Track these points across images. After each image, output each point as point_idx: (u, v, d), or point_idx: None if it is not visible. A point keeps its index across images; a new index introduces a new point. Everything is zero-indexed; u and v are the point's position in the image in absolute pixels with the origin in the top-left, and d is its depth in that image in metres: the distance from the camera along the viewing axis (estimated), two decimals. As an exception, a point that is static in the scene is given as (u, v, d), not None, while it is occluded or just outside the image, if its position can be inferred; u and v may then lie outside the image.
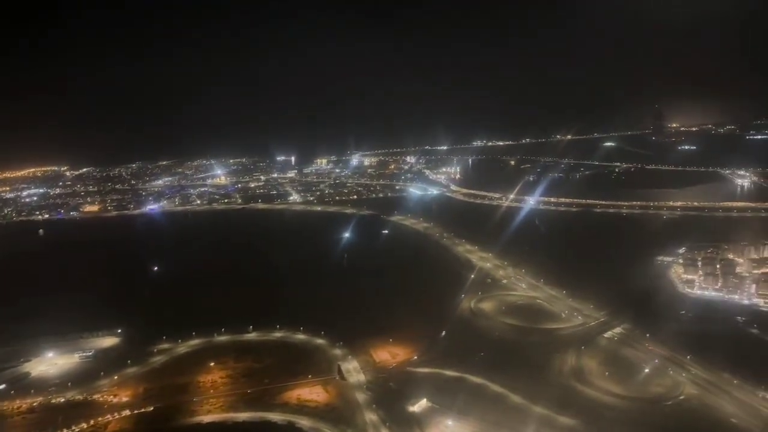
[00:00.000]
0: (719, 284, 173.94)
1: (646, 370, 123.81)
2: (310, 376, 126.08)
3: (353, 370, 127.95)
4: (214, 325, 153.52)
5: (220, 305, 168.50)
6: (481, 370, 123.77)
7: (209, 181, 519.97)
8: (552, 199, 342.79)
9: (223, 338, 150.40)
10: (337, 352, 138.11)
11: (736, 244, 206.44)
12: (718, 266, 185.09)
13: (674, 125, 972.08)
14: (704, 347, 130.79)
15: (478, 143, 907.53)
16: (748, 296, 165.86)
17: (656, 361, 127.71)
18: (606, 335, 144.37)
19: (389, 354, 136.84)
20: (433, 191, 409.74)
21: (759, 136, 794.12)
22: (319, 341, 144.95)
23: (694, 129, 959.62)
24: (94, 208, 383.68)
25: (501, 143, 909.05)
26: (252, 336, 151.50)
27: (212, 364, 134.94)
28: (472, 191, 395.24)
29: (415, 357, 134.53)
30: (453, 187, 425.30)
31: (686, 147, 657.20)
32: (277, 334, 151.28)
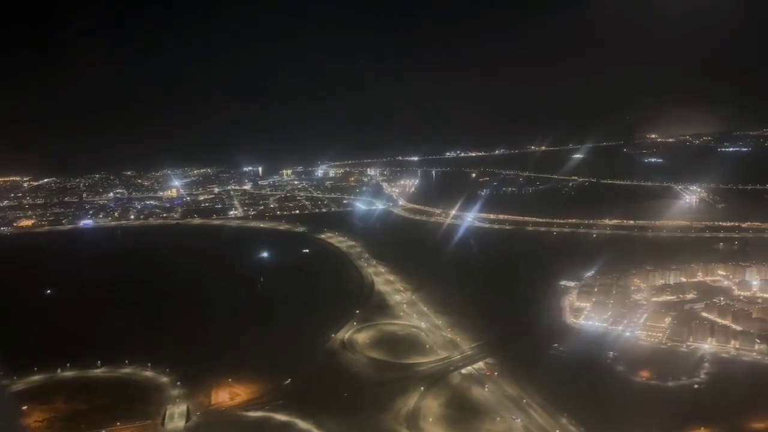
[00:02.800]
0: (608, 313, 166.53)
1: (482, 413, 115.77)
2: (134, 421, 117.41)
3: (178, 414, 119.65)
4: (67, 357, 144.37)
5: (89, 334, 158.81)
6: (314, 414, 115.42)
7: (161, 194, 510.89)
8: (491, 216, 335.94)
9: (67, 374, 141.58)
10: (174, 392, 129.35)
11: (643, 268, 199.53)
12: (613, 293, 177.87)
13: (653, 136, 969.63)
14: (557, 387, 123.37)
15: (450, 154, 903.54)
16: (633, 328, 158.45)
17: (498, 401, 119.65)
18: (465, 371, 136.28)
19: (230, 394, 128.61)
20: (380, 206, 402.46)
21: (731, 149, 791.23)
22: (164, 379, 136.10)
23: (670, 140, 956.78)
24: (29, 222, 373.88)
25: (473, 154, 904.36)
26: (99, 371, 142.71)
27: (39, 404, 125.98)
28: (418, 206, 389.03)
29: (256, 398, 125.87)
30: (401, 202, 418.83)
31: (652, 160, 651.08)
32: (125, 370, 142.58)
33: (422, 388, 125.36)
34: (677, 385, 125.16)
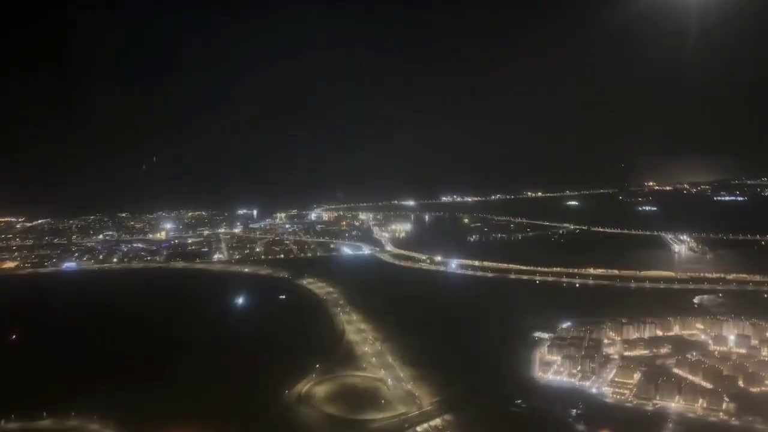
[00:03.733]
0: (578, 368, 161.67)
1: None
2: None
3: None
4: (11, 408, 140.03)
5: (38, 384, 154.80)
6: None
7: (150, 236, 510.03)
8: (476, 263, 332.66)
9: (11, 425, 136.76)
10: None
11: (617, 320, 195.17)
12: (583, 347, 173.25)
13: (651, 183, 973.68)
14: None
15: (446, 199, 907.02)
16: (601, 384, 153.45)
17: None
18: (420, 428, 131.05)
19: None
20: (366, 251, 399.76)
21: (726, 198, 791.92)
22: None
23: (668, 188, 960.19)
24: (12, 264, 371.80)
25: (470, 199, 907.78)
26: (45, 423, 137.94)
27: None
28: (405, 252, 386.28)
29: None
30: (389, 247, 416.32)
31: (646, 208, 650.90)
32: (71, 423, 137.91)
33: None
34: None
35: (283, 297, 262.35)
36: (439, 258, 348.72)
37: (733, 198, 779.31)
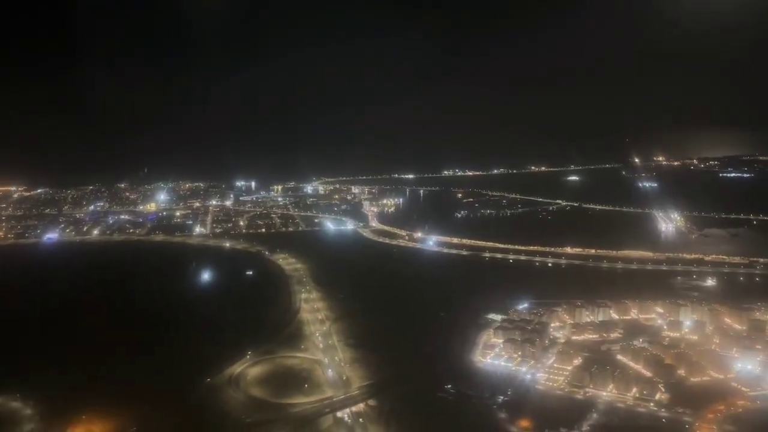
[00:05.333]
0: (518, 353, 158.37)
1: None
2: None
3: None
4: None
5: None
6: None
7: (140, 208, 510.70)
8: (454, 240, 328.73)
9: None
10: (28, 428, 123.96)
11: (572, 303, 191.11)
12: (529, 330, 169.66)
13: (660, 159, 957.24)
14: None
15: (447, 173, 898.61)
16: (538, 369, 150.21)
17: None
18: (340, 414, 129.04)
19: (86, 431, 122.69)
20: (349, 226, 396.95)
21: (732, 174, 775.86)
22: (27, 412, 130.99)
23: (675, 164, 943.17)
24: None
25: (470, 173, 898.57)
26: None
27: None
28: (388, 228, 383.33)
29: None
30: (374, 223, 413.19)
31: (646, 184, 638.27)
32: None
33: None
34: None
35: (250, 273, 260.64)
36: (419, 235, 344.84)
37: (738, 175, 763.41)
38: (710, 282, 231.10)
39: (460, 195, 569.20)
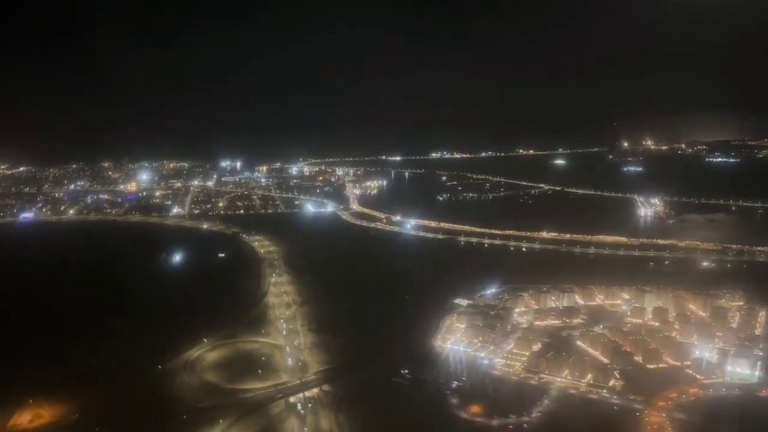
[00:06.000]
0: (479, 338, 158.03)
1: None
2: None
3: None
4: None
5: None
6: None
7: (121, 187, 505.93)
8: (431, 224, 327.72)
9: None
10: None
11: (538, 288, 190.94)
12: (491, 315, 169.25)
13: (648, 143, 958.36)
14: (373, 420, 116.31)
15: (435, 155, 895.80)
16: (496, 355, 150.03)
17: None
18: (293, 399, 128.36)
19: (32, 416, 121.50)
20: (329, 209, 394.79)
21: (718, 159, 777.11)
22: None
23: (663, 148, 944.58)
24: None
25: (458, 156, 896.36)
26: None
27: None
28: (368, 211, 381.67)
29: (56, 421, 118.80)
30: (355, 205, 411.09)
31: (631, 168, 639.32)
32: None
33: (221, 420, 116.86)
34: (501, 423, 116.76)
35: (222, 255, 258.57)
36: (397, 218, 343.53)
37: (724, 160, 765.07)
38: (680, 268, 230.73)
39: (444, 178, 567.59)
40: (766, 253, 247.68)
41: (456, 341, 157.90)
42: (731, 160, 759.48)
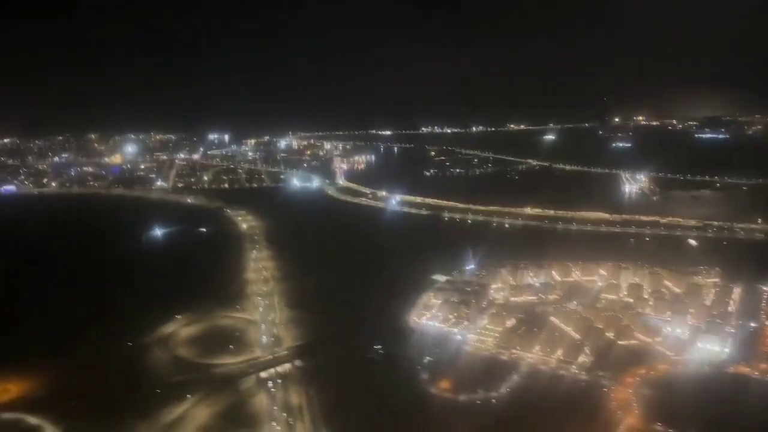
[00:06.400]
0: (454, 314, 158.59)
1: (247, 426, 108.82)
2: None
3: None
4: None
5: None
6: (69, 418, 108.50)
7: (106, 160, 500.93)
8: (417, 199, 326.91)
9: None
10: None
11: (516, 264, 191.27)
12: (467, 291, 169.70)
13: (640, 118, 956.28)
14: (344, 395, 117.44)
15: (426, 130, 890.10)
16: (470, 330, 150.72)
17: (273, 412, 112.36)
18: (264, 374, 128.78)
19: (1, 390, 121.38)
20: (315, 183, 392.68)
21: (708, 135, 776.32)
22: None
23: (654, 123, 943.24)
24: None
25: (449, 131, 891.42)
26: None
27: None
28: (354, 186, 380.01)
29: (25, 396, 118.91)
30: (341, 180, 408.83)
31: (620, 144, 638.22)
32: None
33: (189, 395, 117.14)
34: (468, 399, 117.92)
35: (203, 230, 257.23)
36: (383, 193, 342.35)
37: (713, 135, 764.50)
38: (660, 244, 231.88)
39: (433, 153, 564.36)
40: (746, 229, 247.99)
41: (431, 317, 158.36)
42: (720, 136, 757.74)
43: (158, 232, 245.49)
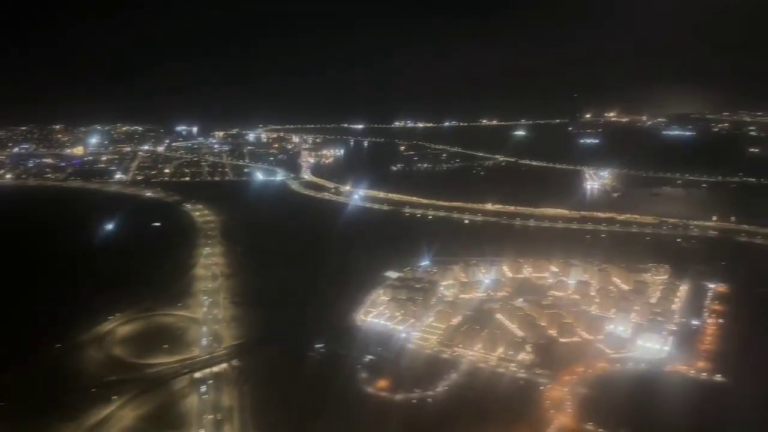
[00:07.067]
0: (401, 311, 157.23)
1: (173, 429, 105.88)
2: None
3: None
4: None
5: None
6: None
7: (68, 151, 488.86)
8: (380, 194, 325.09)
9: None
10: None
11: (468, 261, 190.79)
12: (416, 288, 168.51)
13: (610, 114, 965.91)
14: (278, 396, 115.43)
15: (399, 124, 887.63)
16: (415, 328, 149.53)
17: (201, 414, 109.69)
18: (199, 374, 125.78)
19: None
20: (279, 177, 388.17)
21: (674, 132, 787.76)
22: None
23: (624, 120, 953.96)
24: None
25: (421, 125, 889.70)
26: None
27: None
28: (318, 180, 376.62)
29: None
30: (306, 175, 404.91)
31: (588, 141, 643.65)
32: None
33: (115, 397, 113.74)
34: (404, 398, 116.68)
35: (156, 224, 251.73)
36: (346, 188, 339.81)
37: (680, 132, 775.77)
38: (614, 241, 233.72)
39: (402, 147, 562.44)
40: (700, 227, 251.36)
41: (378, 315, 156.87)
42: (687, 133, 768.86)
43: (108, 226, 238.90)
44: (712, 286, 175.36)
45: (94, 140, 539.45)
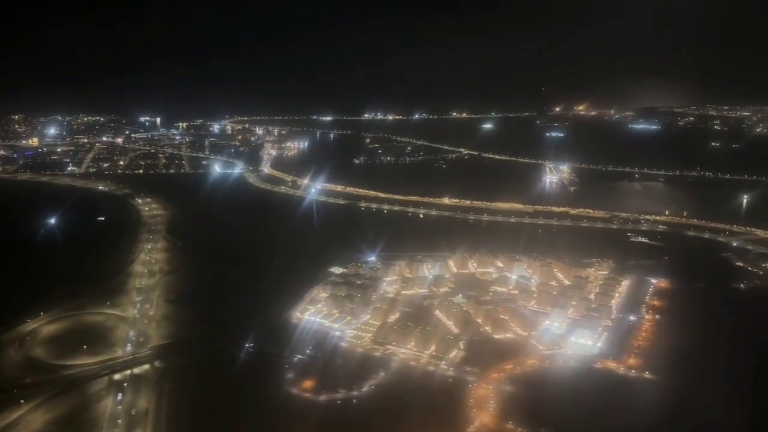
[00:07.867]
0: (338, 309, 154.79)
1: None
2: None
3: None
4: None
5: None
6: None
7: (23, 142, 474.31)
8: (338, 188, 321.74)
9: None
10: None
11: (414, 257, 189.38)
12: (357, 285, 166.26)
13: (580, 108, 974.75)
14: (198, 399, 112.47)
15: (368, 116, 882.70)
16: (351, 326, 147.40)
17: (115, 417, 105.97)
18: (118, 376, 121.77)
19: None
20: (238, 170, 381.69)
21: (640, 126, 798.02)
22: None
23: (592, 113, 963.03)
24: None
25: (391, 118, 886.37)
26: None
27: None
28: (277, 173, 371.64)
29: None
30: (265, 168, 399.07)
31: (554, 134, 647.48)
32: None
33: (22, 401, 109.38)
34: (328, 399, 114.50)
35: (101, 219, 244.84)
36: (304, 181, 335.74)
37: (646, 126, 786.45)
38: (563, 236, 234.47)
39: (368, 140, 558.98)
40: (651, 222, 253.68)
41: (315, 312, 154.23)
42: (653, 126, 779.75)
43: (50, 220, 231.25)
44: (653, 281, 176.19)
45: (51, 131, 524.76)
